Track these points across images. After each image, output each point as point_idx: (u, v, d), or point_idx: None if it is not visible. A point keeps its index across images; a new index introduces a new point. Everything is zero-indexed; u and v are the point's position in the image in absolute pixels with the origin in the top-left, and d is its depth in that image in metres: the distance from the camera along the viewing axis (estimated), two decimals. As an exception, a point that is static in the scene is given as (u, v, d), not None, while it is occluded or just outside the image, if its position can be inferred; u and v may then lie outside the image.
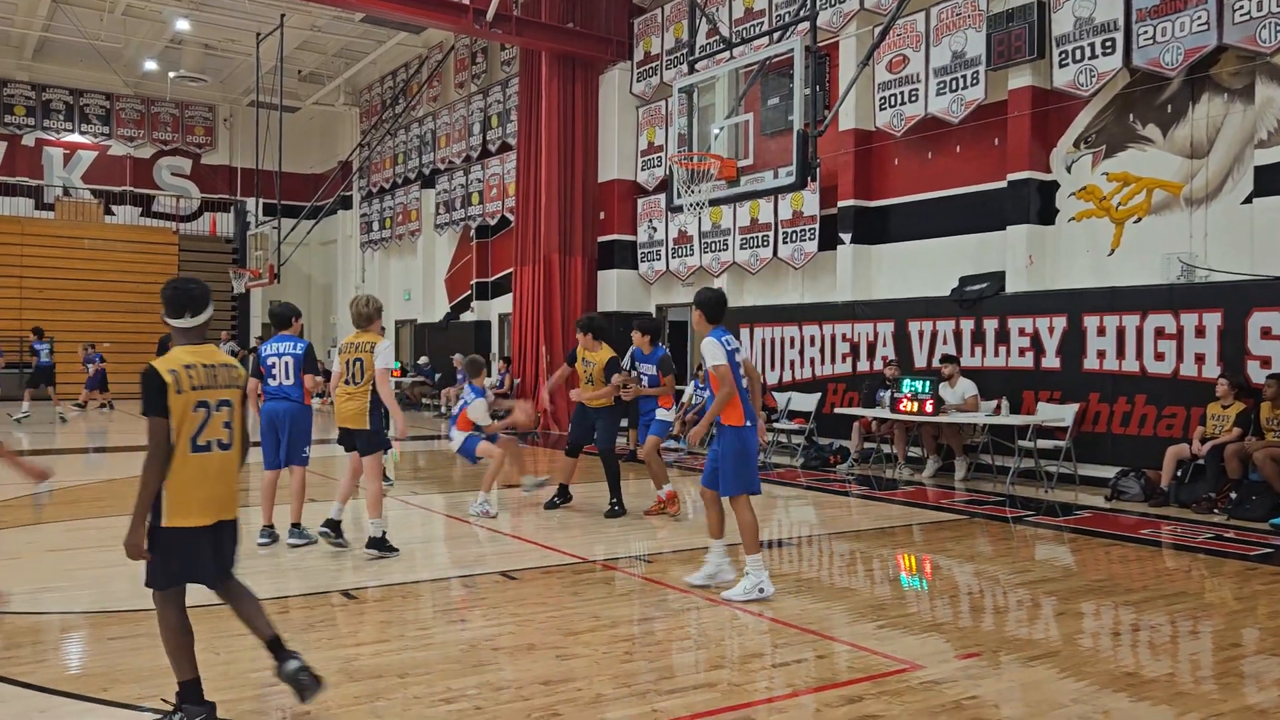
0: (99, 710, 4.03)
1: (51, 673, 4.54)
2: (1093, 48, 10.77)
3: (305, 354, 7.41)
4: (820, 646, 5.01)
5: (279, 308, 7.69)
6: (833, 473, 12.11)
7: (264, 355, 7.44)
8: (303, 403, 7.43)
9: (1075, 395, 10.69)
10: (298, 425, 7.38)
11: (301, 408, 7.43)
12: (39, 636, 5.18)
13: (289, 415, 7.35)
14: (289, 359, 7.37)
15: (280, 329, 7.59)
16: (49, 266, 26.04)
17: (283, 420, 7.34)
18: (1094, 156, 11.27)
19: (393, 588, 6.22)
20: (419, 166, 24.48)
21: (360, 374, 7.00)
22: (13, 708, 4.05)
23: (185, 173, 29.64)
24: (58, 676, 4.48)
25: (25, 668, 4.54)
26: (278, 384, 7.37)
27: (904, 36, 12.74)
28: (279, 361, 7.37)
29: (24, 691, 4.22)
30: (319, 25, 23.28)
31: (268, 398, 7.40)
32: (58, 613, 5.60)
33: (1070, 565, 7.21)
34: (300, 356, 7.38)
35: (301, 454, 7.44)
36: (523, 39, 17.60)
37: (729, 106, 11.02)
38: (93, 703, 4.10)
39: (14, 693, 4.21)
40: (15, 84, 27.06)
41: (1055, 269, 11.55)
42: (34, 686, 4.28)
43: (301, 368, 7.37)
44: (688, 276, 16.63)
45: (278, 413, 7.36)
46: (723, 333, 6.01)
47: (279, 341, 7.48)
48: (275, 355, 7.39)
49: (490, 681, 4.41)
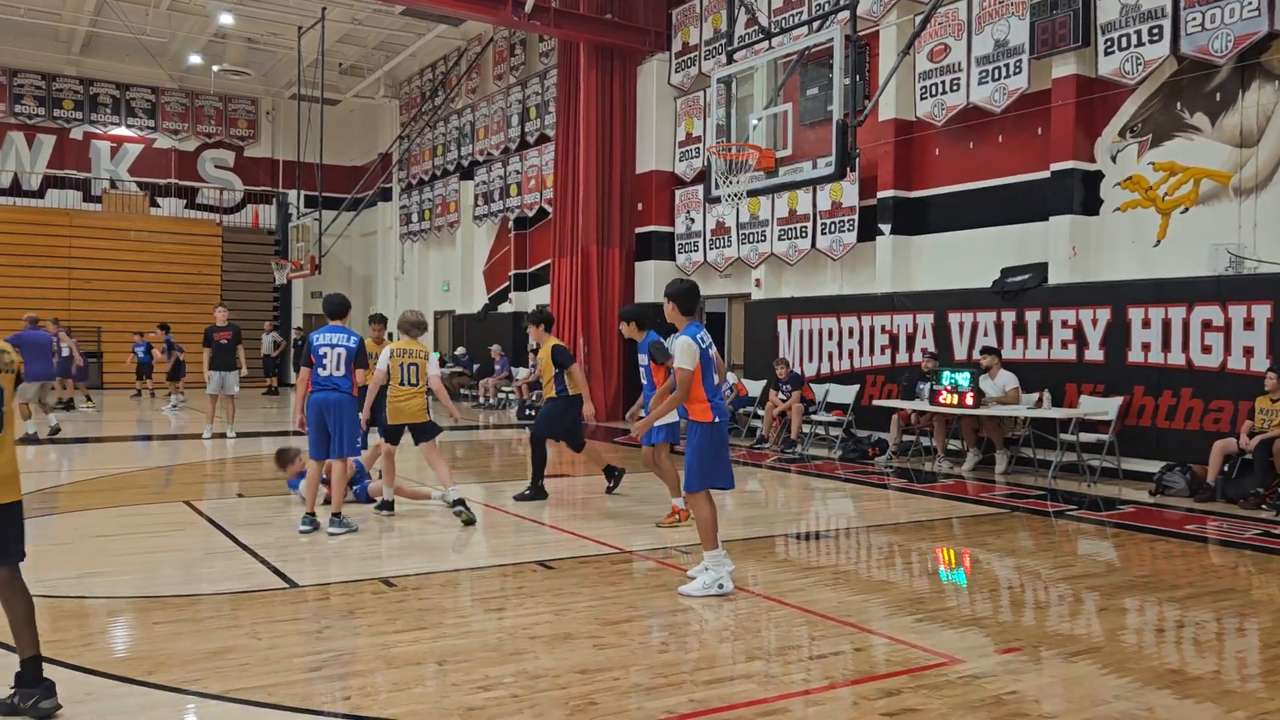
0: (145, 693, 4.10)
1: (98, 655, 4.63)
2: (1139, 35, 10.57)
3: (358, 347, 7.56)
4: (858, 639, 4.98)
5: (336, 298, 7.79)
6: (871, 465, 12.03)
7: (316, 345, 7.51)
8: (351, 394, 7.55)
9: (1119, 388, 10.53)
10: (348, 416, 7.51)
11: (350, 399, 7.55)
12: (85, 620, 5.28)
13: (340, 406, 7.46)
14: (342, 350, 7.50)
15: (334, 319, 7.70)
16: (96, 258, 26.50)
17: (334, 411, 7.45)
18: (1140, 146, 11.07)
19: (431, 576, 6.27)
20: (458, 158, 24.61)
21: (417, 377, 8.00)
22: (63, 689, 4.12)
23: (228, 165, 30.03)
24: (104, 659, 4.57)
25: (72, 650, 4.63)
26: (328, 374, 7.47)
27: (945, 25, 12.59)
28: (331, 352, 7.49)
29: (72, 674, 4.31)
30: (359, 18, 23.46)
31: (316, 388, 7.49)
32: (104, 597, 5.71)
33: (1113, 560, 7.11)
34: (353, 349, 7.52)
35: (355, 445, 7.62)
36: (561, 30, 17.61)
37: (767, 97, 10.95)
38: (139, 685, 4.17)
39: (62, 675, 4.29)
40: (64, 78, 27.55)
41: (1099, 260, 11.37)
42: (81, 669, 4.37)
43: (353, 360, 7.51)
44: (725, 268, 16.58)
45: (328, 403, 7.44)
46: (697, 328, 5.91)
47: (332, 332, 7.58)
48: (328, 345, 7.49)
49: (527, 670, 4.44)
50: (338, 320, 7.68)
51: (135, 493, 9.66)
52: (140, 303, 26.27)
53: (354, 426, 7.56)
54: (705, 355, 5.84)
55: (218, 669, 4.37)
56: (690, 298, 6.05)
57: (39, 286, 25.38)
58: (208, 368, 14.27)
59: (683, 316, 5.99)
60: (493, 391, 21.15)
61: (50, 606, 5.45)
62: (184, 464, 11.99)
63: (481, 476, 11.43)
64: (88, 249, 26.51)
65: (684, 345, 5.77)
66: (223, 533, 7.51)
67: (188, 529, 7.76)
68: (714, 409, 5.84)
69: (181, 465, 11.89)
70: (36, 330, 13.91)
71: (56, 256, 26.09)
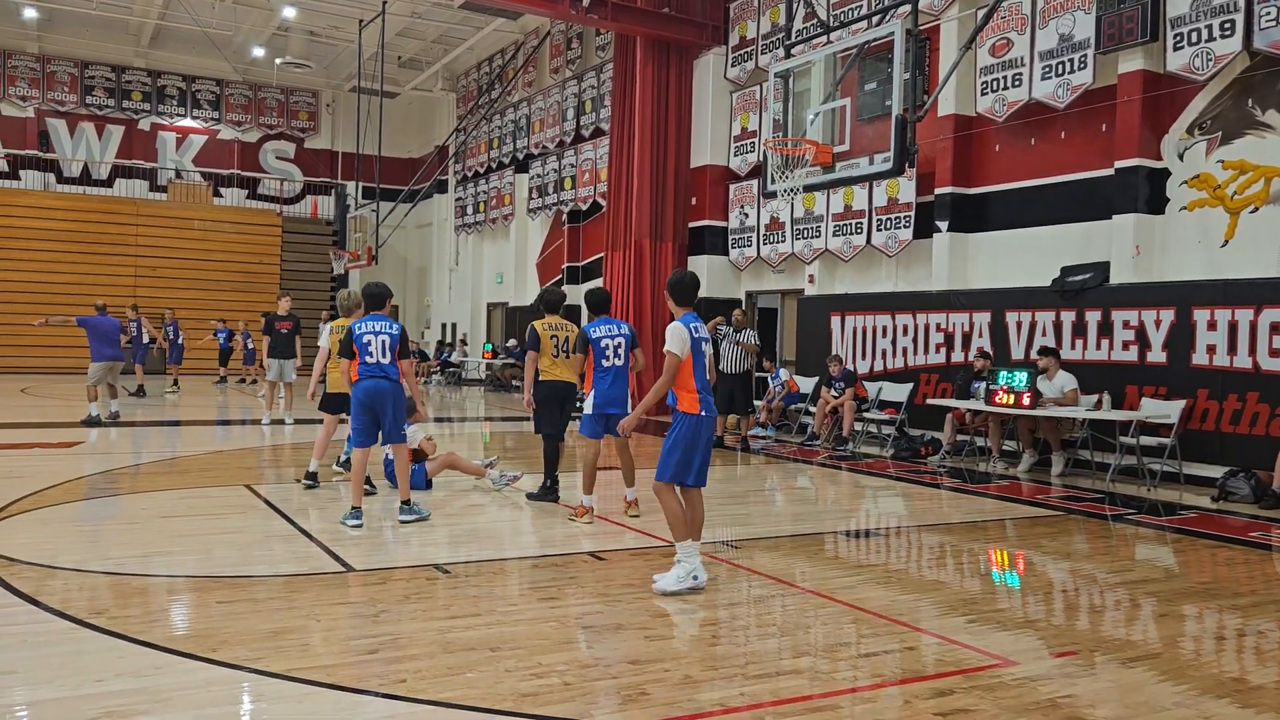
0: (209, 669, 4.22)
1: (163, 632, 4.77)
2: (1210, 29, 10.32)
3: (401, 335, 7.61)
4: (908, 638, 4.96)
5: (376, 288, 7.81)
6: (924, 464, 11.92)
7: (359, 334, 7.50)
8: (399, 381, 7.60)
9: (1182, 391, 10.31)
10: (398, 404, 7.57)
11: (399, 386, 7.60)
12: (149, 597, 5.43)
13: (390, 394, 7.49)
14: (386, 338, 7.51)
15: (375, 309, 7.71)
16: (161, 246, 27.17)
17: (383, 399, 7.46)
18: (1209, 143, 10.81)
19: (484, 564, 6.36)
20: (513, 151, 24.79)
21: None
22: (132, 663, 4.27)
23: (289, 157, 30.58)
24: (169, 636, 4.70)
25: (139, 626, 4.78)
26: (375, 362, 7.47)
27: (1008, 19, 12.40)
28: (375, 339, 7.48)
29: (139, 648, 4.45)
30: (419, 12, 23.73)
31: (364, 376, 7.49)
32: (166, 576, 5.87)
33: (1173, 566, 6.98)
34: (396, 336, 7.56)
35: (401, 431, 7.65)
36: (618, 24, 17.65)
37: (825, 91, 10.89)
38: (203, 662, 4.29)
39: (130, 649, 4.44)
40: (133, 70, 28.26)
41: (1164, 260, 11.14)
42: (148, 644, 4.51)
43: (398, 348, 7.56)
44: (779, 263, 16.51)
45: (378, 390, 7.45)
46: (692, 318, 5.85)
47: (374, 320, 7.60)
48: (371, 334, 7.49)
49: (579, 659, 4.48)
50: (378, 310, 7.69)
51: (198, 476, 9.89)
52: (203, 290, 26.89)
53: (399, 414, 7.59)
54: (696, 345, 5.77)
55: (278, 648, 4.48)
56: (687, 290, 5.97)
57: (106, 273, 26.11)
58: (267, 355, 14.59)
59: (678, 307, 5.95)
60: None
61: (117, 583, 5.63)
62: (243, 449, 12.25)
63: (533, 466, 11.52)
64: (153, 237, 27.19)
65: (673, 330, 5.75)
66: (282, 516, 7.68)
67: (248, 512, 7.94)
68: (702, 403, 5.73)
69: (243, 450, 12.14)
70: (105, 316, 14.32)
71: (123, 244, 26.79)
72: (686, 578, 5.64)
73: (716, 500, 8.85)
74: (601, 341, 7.57)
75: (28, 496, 8.14)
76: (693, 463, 5.74)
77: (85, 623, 4.79)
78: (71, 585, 5.56)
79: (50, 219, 26.17)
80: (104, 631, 4.67)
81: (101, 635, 4.62)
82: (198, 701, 3.86)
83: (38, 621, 4.84)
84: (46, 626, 4.76)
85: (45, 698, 3.87)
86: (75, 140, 27.94)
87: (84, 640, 4.56)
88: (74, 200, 26.92)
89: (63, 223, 26.18)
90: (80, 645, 4.49)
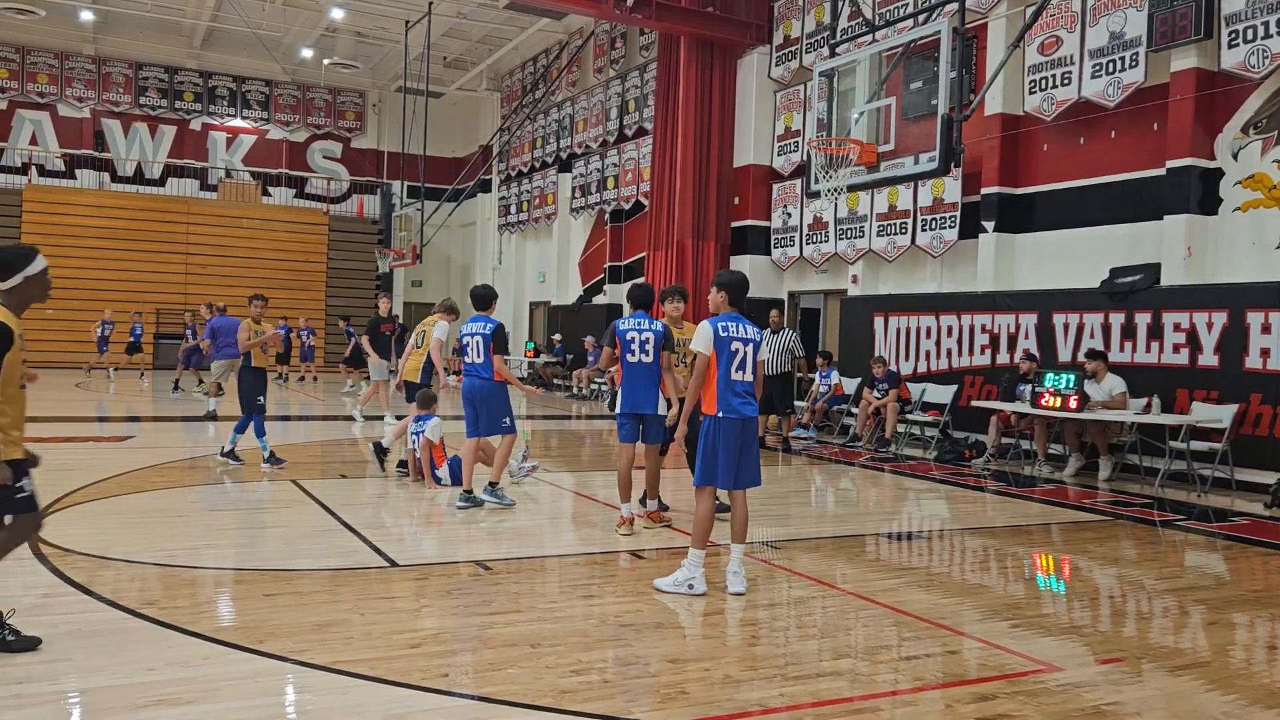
0: (256, 660, 4.29)
1: (211, 623, 4.86)
2: (1266, 27, 10.10)
3: (493, 334, 7.95)
4: (951, 642, 4.91)
5: (480, 290, 8.30)
6: (968, 467, 11.79)
7: (461, 334, 8.09)
8: (491, 379, 7.93)
9: (1234, 395, 10.10)
10: (488, 401, 7.95)
11: (490, 384, 7.94)
12: (197, 589, 5.54)
13: (480, 392, 7.95)
14: (479, 338, 7.95)
15: (481, 309, 8.20)
16: (211, 244, 27.62)
17: (474, 397, 7.97)
18: (1264, 143, 10.58)
19: (525, 561, 6.40)
20: (556, 151, 24.89)
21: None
22: (181, 652, 4.36)
23: (336, 156, 30.95)
24: (216, 627, 4.79)
25: (188, 617, 4.88)
26: (470, 361, 7.98)
27: (1058, 16, 12.23)
28: (471, 340, 7.97)
29: (188, 638, 4.54)
30: (465, 12, 23.90)
31: (465, 374, 8.05)
32: (213, 568, 5.98)
33: (1223, 574, 6.84)
34: (489, 336, 7.94)
35: (501, 424, 8.04)
36: (662, 24, 17.65)
37: (870, 90, 10.82)
38: (251, 653, 4.37)
39: (180, 639, 4.54)
40: (185, 71, 28.78)
41: (1217, 261, 10.92)
42: (198, 634, 4.60)
43: (490, 346, 7.90)
44: (822, 263, 16.42)
45: (471, 389, 7.99)
46: (730, 317, 5.75)
47: (474, 321, 8.07)
48: (469, 335, 8.00)
49: (619, 656, 4.50)
50: (483, 310, 8.17)
51: (246, 470, 10.05)
52: (251, 288, 27.10)
53: (492, 410, 7.98)
54: (723, 344, 5.66)
55: (323, 641, 4.55)
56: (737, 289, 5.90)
57: (158, 271, 26.63)
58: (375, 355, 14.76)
59: (727, 306, 5.86)
60: (586, 382, 21.37)
61: (167, 574, 5.75)
62: (293, 444, 12.44)
63: (573, 465, 11.58)
64: (203, 235, 27.65)
65: (699, 328, 5.77)
66: (327, 511, 7.78)
67: (294, 506, 8.06)
68: (720, 403, 5.63)
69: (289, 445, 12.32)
70: (226, 316, 15.37)
71: (175, 242, 27.28)
72: (683, 584, 5.60)
73: (758, 500, 8.82)
74: (627, 334, 7.28)
75: (82, 489, 8.33)
76: (715, 464, 5.66)
77: (136, 612, 4.90)
78: (123, 576, 5.69)
79: (105, 217, 26.73)
80: (154, 621, 4.77)
81: (151, 625, 4.72)
82: (244, 692, 3.93)
83: (90, 611, 4.95)
84: (98, 616, 4.87)
85: (96, 685, 3.96)
86: (129, 140, 28.51)
87: (134, 630, 4.66)
88: (127, 199, 27.46)
89: (117, 221, 26.73)
90: (131, 635, 4.59)
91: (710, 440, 5.67)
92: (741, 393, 5.70)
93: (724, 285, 5.91)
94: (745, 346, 5.74)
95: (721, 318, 5.79)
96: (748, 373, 5.74)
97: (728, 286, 5.89)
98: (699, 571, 5.62)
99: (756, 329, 5.87)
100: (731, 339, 5.70)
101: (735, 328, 5.74)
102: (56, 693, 3.87)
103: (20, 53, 27.06)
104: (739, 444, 5.68)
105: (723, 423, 5.65)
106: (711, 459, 5.66)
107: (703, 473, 5.71)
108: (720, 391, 5.66)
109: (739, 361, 5.70)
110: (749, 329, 5.80)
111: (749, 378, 5.75)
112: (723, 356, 5.67)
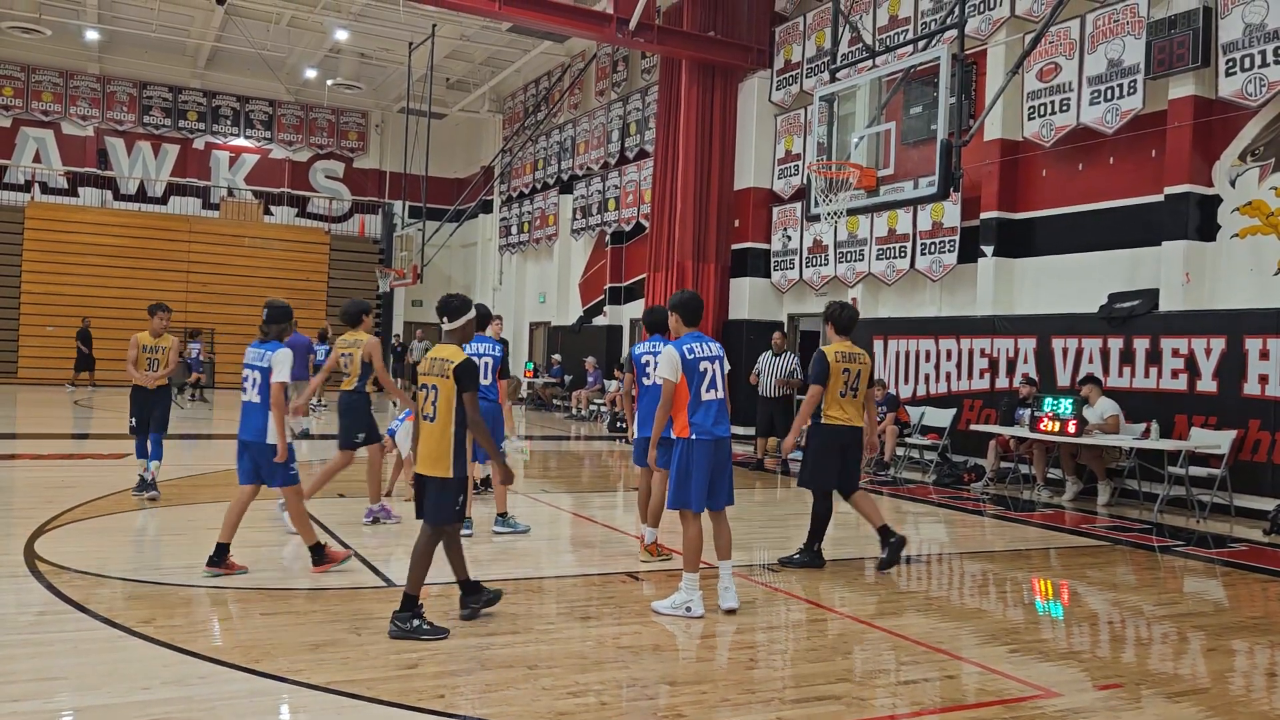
0: (252, 679, 4.28)
1: (207, 642, 4.85)
2: (1263, 55, 10.18)
3: (502, 356, 7.83)
4: (949, 666, 4.90)
5: (482, 309, 8.04)
6: (966, 491, 11.78)
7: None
8: (498, 402, 7.76)
9: (1233, 421, 10.11)
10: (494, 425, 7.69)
11: (497, 407, 7.74)
12: (194, 608, 5.52)
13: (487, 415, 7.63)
14: (489, 360, 7.77)
15: (478, 329, 7.92)
16: (212, 263, 27.68)
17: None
18: (1261, 170, 10.64)
19: (522, 582, 6.39)
20: (558, 172, 25.00)
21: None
22: (177, 671, 4.35)
23: (338, 176, 31.08)
24: (213, 646, 4.78)
25: (184, 635, 4.86)
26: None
27: (1056, 44, 12.32)
28: (479, 362, 7.73)
29: (184, 657, 4.53)
30: (468, 35, 24.07)
31: None
32: (210, 587, 5.96)
33: (1222, 600, 6.83)
34: (498, 358, 7.81)
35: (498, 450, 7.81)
36: (664, 47, 17.77)
37: (870, 115, 10.87)
38: (247, 673, 4.36)
39: (176, 658, 4.52)
40: (189, 91, 28.93)
41: (1215, 288, 10.95)
42: (192, 653, 4.58)
43: (498, 369, 7.76)
44: (821, 286, 16.47)
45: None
46: (693, 338, 5.76)
47: (479, 342, 7.81)
48: (477, 356, 7.72)
49: (615, 679, 4.49)
50: (481, 330, 7.88)
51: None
52: (253, 307, 27.23)
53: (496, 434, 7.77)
54: (692, 366, 5.66)
55: (320, 661, 4.54)
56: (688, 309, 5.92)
57: (159, 289, 26.55)
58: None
59: (684, 327, 5.90)
60: (585, 403, 21.38)
61: (164, 593, 5.74)
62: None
63: (572, 487, 11.56)
64: (205, 254, 27.72)
65: (665, 354, 5.73)
66: (325, 530, 7.76)
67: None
68: (692, 426, 5.63)
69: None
70: (297, 335, 14.69)
71: (177, 260, 27.35)
72: (680, 606, 5.59)
73: (757, 523, 8.83)
74: (642, 358, 7.35)
75: (79, 506, 8.32)
76: (689, 487, 5.65)
77: (132, 631, 4.89)
78: (119, 593, 5.68)
79: (107, 235, 26.80)
80: (150, 640, 4.76)
81: (147, 644, 4.71)
82: (240, 711, 3.92)
83: (86, 629, 4.94)
84: (94, 634, 4.86)
85: (92, 704, 3.95)
86: (132, 158, 28.62)
87: (130, 648, 4.65)
88: (130, 217, 27.55)
89: (119, 239, 26.80)
90: (127, 653, 4.58)
91: (684, 463, 5.66)
92: (714, 413, 5.70)
93: (676, 307, 5.95)
94: (712, 364, 5.75)
95: (684, 340, 5.78)
96: (719, 390, 5.74)
97: (680, 308, 5.93)
98: (696, 594, 5.61)
99: (718, 345, 5.90)
100: (699, 360, 5.71)
101: (700, 347, 5.75)
102: (51, 711, 3.86)
103: (25, 71, 27.21)
104: (713, 465, 5.68)
105: (696, 445, 5.65)
106: (685, 482, 5.65)
107: (676, 496, 5.69)
108: (692, 414, 5.67)
109: (709, 381, 5.71)
110: (712, 346, 5.82)
111: (720, 395, 5.76)
112: (693, 379, 5.67)
